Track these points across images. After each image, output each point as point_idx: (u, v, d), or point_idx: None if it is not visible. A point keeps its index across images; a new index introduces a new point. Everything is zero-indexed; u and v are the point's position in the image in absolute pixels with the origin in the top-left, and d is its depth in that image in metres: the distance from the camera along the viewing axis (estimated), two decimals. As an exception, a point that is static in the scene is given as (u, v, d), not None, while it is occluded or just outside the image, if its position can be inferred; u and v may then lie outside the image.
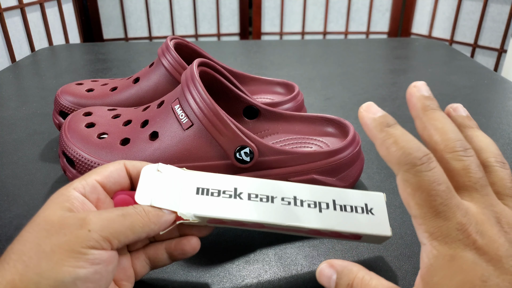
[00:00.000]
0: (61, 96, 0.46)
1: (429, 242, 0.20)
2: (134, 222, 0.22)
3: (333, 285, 0.23)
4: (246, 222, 0.26)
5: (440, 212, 0.20)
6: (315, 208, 0.27)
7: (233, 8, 2.00)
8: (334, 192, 0.28)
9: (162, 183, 0.26)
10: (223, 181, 0.28)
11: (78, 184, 0.24)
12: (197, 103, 0.32)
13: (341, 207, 0.27)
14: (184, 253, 0.27)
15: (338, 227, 0.26)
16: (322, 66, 0.80)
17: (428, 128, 0.23)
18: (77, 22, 1.77)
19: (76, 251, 0.20)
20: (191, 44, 0.48)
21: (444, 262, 0.19)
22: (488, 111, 0.58)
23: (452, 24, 1.83)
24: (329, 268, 0.24)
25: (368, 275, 0.22)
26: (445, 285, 0.19)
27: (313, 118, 0.40)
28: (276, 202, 0.27)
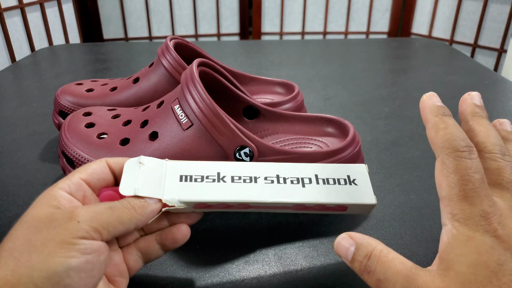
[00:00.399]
0: (61, 96, 0.45)
1: (451, 223, 0.21)
2: (122, 214, 0.23)
3: (351, 256, 0.23)
4: (231, 203, 0.27)
5: (468, 197, 0.21)
6: (298, 184, 0.28)
7: (233, 8, 2.00)
8: (316, 167, 0.29)
9: (145, 174, 0.26)
10: (205, 167, 0.28)
11: (63, 183, 0.24)
12: (197, 103, 0.32)
13: (324, 181, 0.28)
14: (175, 241, 0.27)
15: (322, 199, 0.27)
16: (322, 66, 0.80)
17: (473, 130, 0.24)
18: (77, 22, 1.77)
19: (67, 242, 0.20)
20: (191, 44, 0.48)
21: (462, 241, 0.20)
22: (488, 111, 0.58)
23: (452, 24, 1.83)
24: (348, 239, 0.24)
25: (387, 249, 0.23)
26: (459, 262, 0.20)
27: (313, 118, 0.40)
28: (259, 181, 0.28)
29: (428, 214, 0.36)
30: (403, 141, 0.49)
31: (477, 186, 0.21)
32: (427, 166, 0.43)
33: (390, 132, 0.51)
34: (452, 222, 0.21)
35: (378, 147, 0.48)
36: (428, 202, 0.37)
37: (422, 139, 0.50)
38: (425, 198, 0.38)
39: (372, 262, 0.22)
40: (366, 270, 0.22)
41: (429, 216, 0.35)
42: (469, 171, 0.21)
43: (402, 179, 0.41)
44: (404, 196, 0.38)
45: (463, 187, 0.21)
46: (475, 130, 0.24)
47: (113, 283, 0.25)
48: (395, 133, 0.51)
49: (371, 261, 0.22)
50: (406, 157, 0.45)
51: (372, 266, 0.22)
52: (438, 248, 0.22)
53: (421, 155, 0.46)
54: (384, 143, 0.49)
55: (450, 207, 0.21)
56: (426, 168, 0.43)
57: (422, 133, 0.51)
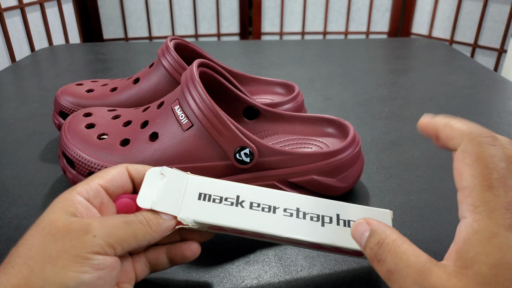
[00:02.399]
0: (61, 96, 0.46)
1: (472, 216, 0.19)
2: (137, 230, 0.23)
3: (364, 241, 0.23)
4: (246, 231, 0.26)
5: (493, 187, 0.19)
6: (317, 222, 0.27)
7: (233, 8, 2.00)
8: (339, 206, 0.28)
9: (164, 187, 0.26)
10: (226, 188, 0.27)
11: (82, 188, 0.24)
12: (197, 104, 0.32)
13: (345, 222, 0.27)
14: (184, 257, 0.27)
15: (339, 243, 0.26)
16: (322, 66, 0.80)
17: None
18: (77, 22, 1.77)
19: (81, 256, 0.20)
20: (191, 44, 0.48)
21: (484, 238, 0.19)
22: (488, 111, 0.58)
23: (452, 24, 1.83)
24: (365, 225, 0.23)
25: (401, 239, 0.22)
26: (480, 262, 0.18)
27: (313, 119, 0.40)
28: (278, 212, 0.27)
29: (428, 214, 0.36)
30: (403, 141, 0.49)
31: (502, 175, 0.19)
32: (427, 166, 0.43)
33: (390, 132, 0.51)
34: (474, 215, 0.19)
35: (378, 147, 0.48)
36: (428, 202, 0.37)
37: (422, 139, 0.50)
38: (425, 198, 0.38)
39: (383, 250, 0.21)
40: (377, 258, 0.21)
41: (429, 216, 0.35)
42: (494, 159, 0.20)
43: (402, 179, 0.41)
44: (404, 196, 0.38)
45: (488, 176, 0.19)
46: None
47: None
48: (395, 133, 0.51)
49: (383, 249, 0.21)
50: (406, 157, 0.45)
51: (383, 255, 0.21)
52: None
53: (421, 155, 0.46)
54: (384, 143, 0.49)
55: (472, 198, 0.20)
56: (426, 168, 0.43)
57: (422, 133, 0.51)
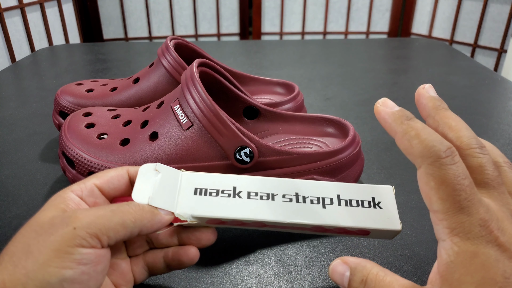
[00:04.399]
0: (61, 96, 0.45)
1: (450, 238, 0.20)
2: (125, 216, 0.22)
3: (346, 281, 0.23)
4: (246, 221, 0.26)
5: (464, 208, 0.19)
6: (318, 204, 0.26)
7: (233, 8, 2.00)
8: (339, 186, 0.27)
9: (159, 183, 0.25)
10: (221, 181, 0.27)
11: (77, 187, 0.24)
12: (197, 104, 0.32)
13: (346, 202, 0.26)
14: (181, 263, 0.26)
15: (343, 222, 0.25)
16: (322, 66, 0.80)
17: (442, 126, 0.22)
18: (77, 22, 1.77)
19: (63, 250, 0.19)
20: (191, 44, 0.48)
21: (466, 258, 0.19)
22: (488, 111, 0.58)
23: (452, 24, 1.83)
24: (343, 265, 0.23)
25: (383, 271, 0.22)
26: (466, 282, 0.19)
27: (313, 119, 0.40)
28: (277, 199, 0.26)
29: (428, 214, 0.36)
30: (403, 141, 0.49)
31: (470, 194, 0.20)
32: (427, 166, 0.43)
33: (390, 132, 0.51)
34: (452, 238, 0.20)
35: (378, 147, 0.48)
36: (428, 202, 0.37)
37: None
38: (425, 198, 0.38)
39: (369, 286, 0.22)
40: None
41: (429, 216, 0.35)
42: (458, 179, 0.20)
43: (402, 179, 0.41)
44: (404, 196, 0.38)
45: (456, 198, 0.19)
46: (445, 126, 0.22)
47: None
48: (395, 133, 0.51)
49: (368, 285, 0.22)
50: (406, 157, 0.45)
51: None
52: (438, 249, 0.21)
53: (421, 155, 0.46)
54: (384, 143, 0.49)
55: (447, 221, 0.20)
56: (426, 168, 0.43)
57: (422, 133, 0.51)
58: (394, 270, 0.29)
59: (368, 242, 0.32)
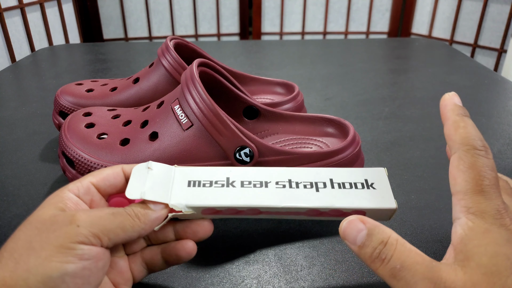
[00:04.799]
0: (61, 96, 0.45)
1: (465, 216, 0.21)
2: (124, 221, 0.22)
3: (361, 240, 0.22)
4: (240, 208, 0.26)
5: (485, 192, 0.21)
6: (311, 188, 0.26)
7: (233, 8, 2.00)
8: (331, 171, 0.28)
9: (152, 178, 0.26)
10: (214, 172, 0.27)
11: (73, 185, 0.24)
12: (197, 104, 0.32)
13: (339, 185, 0.27)
14: (179, 258, 0.26)
15: (338, 204, 0.26)
16: (322, 66, 0.80)
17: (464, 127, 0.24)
18: (77, 22, 1.77)
19: (65, 246, 0.20)
20: (191, 44, 0.48)
21: (479, 233, 0.20)
22: (488, 111, 0.58)
23: (452, 24, 1.83)
24: (359, 223, 0.23)
25: (402, 239, 0.22)
26: (479, 253, 0.20)
27: (313, 118, 0.40)
28: (271, 186, 0.27)
29: (428, 214, 0.36)
30: (403, 141, 0.49)
31: (493, 183, 0.21)
32: (427, 166, 0.43)
33: (390, 132, 0.51)
34: (467, 215, 0.21)
35: (378, 147, 0.48)
36: (428, 202, 0.37)
37: (422, 139, 0.50)
38: (425, 198, 0.38)
39: (388, 249, 0.21)
40: (380, 257, 0.21)
41: (429, 216, 0.35)
42: (486, 168, 0.21)
43: (402, 179, 0.41)
44: (404, 196, 0.38)
45: (479, 182, 0.21)
46: (466, 127, 0.24)
47: None
48: (395, 133, 0.51)
49: (387, 248, 0.21)
50: (406, 157, 0.45)
51: (388, 254, 0.21)
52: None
53: (421, 155, 0.46)
54: (384, 143, 0.49)
55: (465, 200, 0.21)
56: (426, 168, 0.43)
57: (422, 133, 0.51)
58: (394, 270, 0.29)
59: (368, 242, 0.32)
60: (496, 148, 0.47)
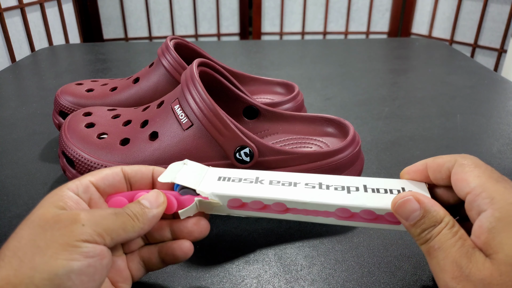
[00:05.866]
0: (61, 96, 0.46)
1: (491, 206, 0.21)
2: (126, 222, 0.23)
3: (414, 220, 0.23)
4: (267, 200, 0.26)
5: (500, 182, 0.22)
6: (343, 191, 0.26)
7: (233, 8, 2.00)
8: (365, 179, 0.27)
9: (186, 170, 0.28)
10: (244, 172, 0.29)
11: (72, 184, 0.24)
12: (197, 103, 0.32)
13: (373, 190, 0.26)
14: (175, 257, 0.26)
15: (370, 204, 0.25)
16: (322, 66, 0.80)
17: None
18: (77, 22, 1.77)
19: (70, 244, 0.20)
20: (191, 44, 0.48)
21: (507, 223, 0.20)
22: (488, 111, 0.58)
23: (452, 24, 1.83)
24: (415, 202, 0.23)
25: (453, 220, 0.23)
26: (508, 244, 0.20)
27: (313, 118, 0.40)
28: (299, 186, 0.27)
29: (428, 214, 0.36)
30: (403, 141, 0.49)
31: (502, 176, 0.22)
32: (427, 166, 0.43)
33: (390, 132, 0.51)
34: (492, 205, 0.21)
35: (378, 147, 0.48)
36: (428, 202, 0.37)
37: (422, 139, 0.50)
38: (425, 198, 0.38)
39: (435, 231, 0.22)
40: (426, 237, 0.23)
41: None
42: (489, 166, 0.23)
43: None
44: (404, 196, 0.38)
45: (491, 174, 0.22)
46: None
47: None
48: (395, 133, 0.51)
49: (435, 230, 0.22)
50: (406, 157, 0.45)
51: (433, 235, 0.22)
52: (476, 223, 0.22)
53: (421, 155, 0.46)
54: (384, 143, 0.49)
55: (486, 192, 0.21)
56: (426, 168, 0.43)
57: (422, 133, 0.51)
58: (394, 270, 0.29)
59: (368, 242, 0.32)
60: (496, 148, 0.47)
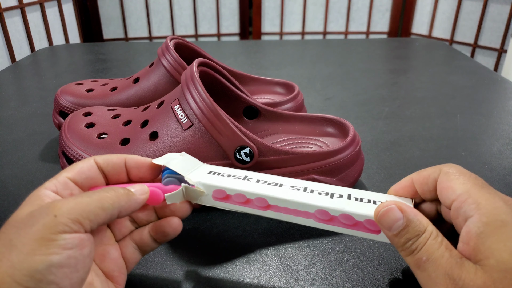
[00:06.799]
0: (61, 96, 0.46)
1: (477, 211, 0.21)
2: (103, 200, 0.22)
3: (397, 230, 0.23)
4: (251, 194, 0.27)
5: (484, 187, 0.22)
6: (326, 196, 0.26)
7: (233, 8, 2.00)
8: (352, 190, 0.27)
9: (180, 160, 0.29)
10: (235, 170, 0.30)
11: (50, 183, 0.24)
12: (197, 103, 0.32)
13: (357, 199, 0.26)
14: (166, 234, 0.27)
15: (350, 209, 0.25)
16: (322, 66, 0.80)
17: None
18: (77, 22, 1.77)
19: (46, 238, 0.20)
20: (191, 44, 0.48)
21: (496, 228, 0.20)
22: (488, 111, 0.58)
23: (452, 24, 1.83)
24: (398, 211, 0.23)
25: (436, 230, 0.22)
26: (499, 249, 0.20)
27: (313, 118, 0.40)
28: (285, 187, 0.27)
29: (428, 214, 0.36)
30: (403, 141, 0.49)
31: (485, 183, 0.22)
32: (427, 166, 0.43)
33: (390, 132, 0.51)
34: (479, 211, 0.21)
35: (378, 147, 0.48)
36: (428, 202, 0.37)
37: (422, 139, 0.50)
38: (425, 198, 0.38)
39: (420, 241, 0.22)
40: (411, 248, 0.22)
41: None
42: (473, 174, 0.23)
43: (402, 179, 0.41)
44: (404, 196, 0.38)
45: (475, 181, 0.22)
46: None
47: (112, 279, 0.25)
48: (395, 133, 0.51)
49: (420, 240, 0.22)
50: (406, 157, 0.45)
51: (419, 246, 0.22)
52: (464, 228, 0.22)
53: (421, 155, 0.46)
54: (384, 143, 0.49)
55: (472, 198, 0.22)
56: (426, 168, 0.43)
57: (422, 133, 0.51)
58: (394, 270, 0.29)
59: (368, 242, 0.32)
60: (496, 148, 0.47)
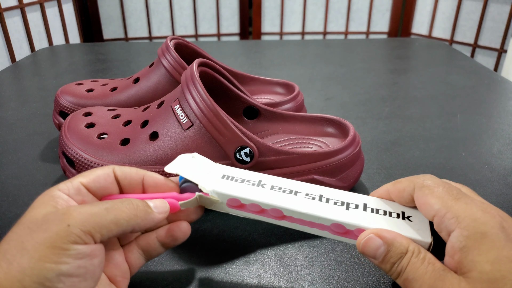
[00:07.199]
0: (61, 96, 0.45)
1: (458, 225, 0.21)
2: (119, 215, 0.22)
3: (381, 256, 0.23)
4: (265, 205, 0.26)
5: (460, 199, 0.22)
6: (342, 206, 0.26)
7: (233, 8, 2.00)
8: (367, 198, 0.27)
9: (192, 164, 0.28)
10: (249, 174, 0.29)
11: (63, 185, 0.24)
12: (197, 103, 0.32)
13: (373, 210, 0.26)
14: (175, 239, 0.27)
15: (366, 224, 0.24)
16: (322, 66, 0.80)
17: None
18: (77, 22, 1.77)
19: (58, 247, 0.20)
20: (191, 44, 0.48)
21: (476, 240, 0.20)
22: (488, 111, 0.58)
23: (452, 24, 1.83)
24: (377, 239, 0.23)
25: (417, 247, 0.23)
26: (480, 261, 0.20)
27: (313, 118, 0.40)
28: (300, 195, 0.27)
29: (428, 214, 0.36)
30: (403, 141, 0.49)
31: (460, 192, 0.23)
32: (427, 166, 0.43)
33: (390, 132, 0.51)
34: (459, 224, 0.21)
35: (378, 147, 0.48)
36: (428, 202, 0.37)
37: (422, 139, 0.50)
38: (425, 198, 0.38)
39: (404, 262, 0.22)
40: (397, 270, 0.22)
41: (429, 216, 0.35)
42: (447, 184, 0.23)
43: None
44: (404, 196, 0.38)
45: (450, 192, 0.22)
46: None
47: (115, 283, 0.25)
48: (395, 133, 0.51)
49: (403, 261, 0.22)
50: (406, 157, 0.45)
51: (403, 266, 0.22)
52: (448, 243, 0.22)
53: (421, 155, 0.46)
54: (384, 143, 0.49)
55: (450, 212, 0.22)
56: (426, 168, 0.43)
57: (422, 133, 0.51)
58: (394, 270, 0.29)
59: (368, 242, 0.32)
60: (496, 148, 0.47)
